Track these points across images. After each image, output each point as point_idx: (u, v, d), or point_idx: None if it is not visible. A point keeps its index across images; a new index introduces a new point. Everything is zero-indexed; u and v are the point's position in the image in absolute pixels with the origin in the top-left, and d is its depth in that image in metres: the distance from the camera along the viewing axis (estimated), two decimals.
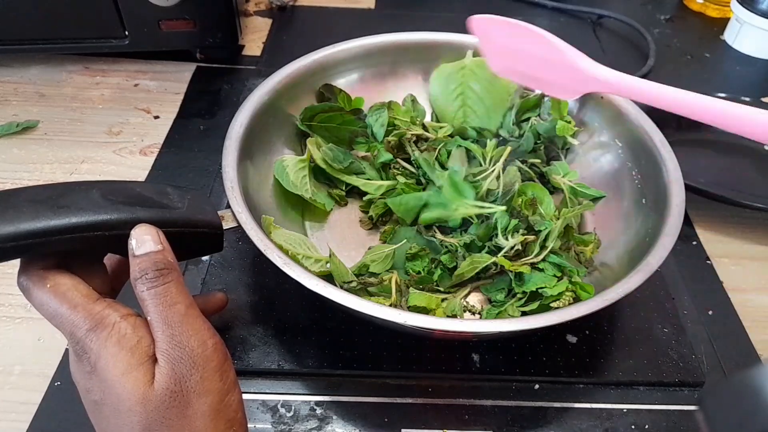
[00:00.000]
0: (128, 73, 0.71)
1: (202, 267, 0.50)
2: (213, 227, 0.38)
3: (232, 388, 0.32)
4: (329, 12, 0.86)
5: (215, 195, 0.56)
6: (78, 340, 0.30)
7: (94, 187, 0.34)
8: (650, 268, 0.40)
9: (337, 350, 0.44)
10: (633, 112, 0.53)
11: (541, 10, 0.89)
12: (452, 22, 0.84)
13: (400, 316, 0.36)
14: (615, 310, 0.48)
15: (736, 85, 0.78)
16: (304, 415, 0.41)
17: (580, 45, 0.43)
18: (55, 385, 0.42)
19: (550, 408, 0.43)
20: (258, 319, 0.46)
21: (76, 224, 0.31)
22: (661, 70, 0.78)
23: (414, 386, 0.43)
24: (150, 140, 0.63)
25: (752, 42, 0.81)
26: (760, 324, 0.49)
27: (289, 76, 0.53)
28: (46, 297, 0.31)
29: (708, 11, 0.91)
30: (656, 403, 0.43)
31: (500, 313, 0.45)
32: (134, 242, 0.32)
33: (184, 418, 0.29)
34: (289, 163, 0.50)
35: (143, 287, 0.31)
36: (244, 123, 0.48)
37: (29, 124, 0.63)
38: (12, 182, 0.57)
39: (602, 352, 0.46)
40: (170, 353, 0.30)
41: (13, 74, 0.70)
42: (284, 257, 0.39)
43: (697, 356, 0.46)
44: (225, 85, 0.71)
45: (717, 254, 0.55)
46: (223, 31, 0.69)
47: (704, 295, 0.51)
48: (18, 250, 0.31)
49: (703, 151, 0.65)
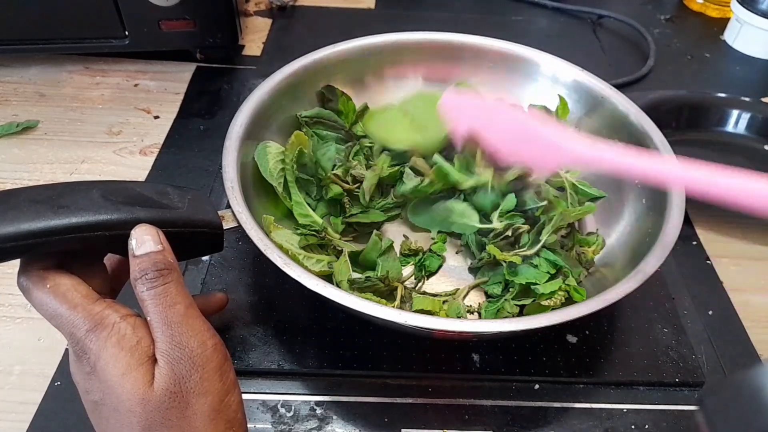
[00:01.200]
0: (128, 73, 0.71)
1: (202, 267, 0.50)
2: (213, 227, 0.38)
3: (231, 388, 0.32)
4: (329, 12, 0.86)
5: (215, 195, 0.56)
6: (78, 340, 0.30)
7: (94, 187, 0.34)
8: (650, 268, 0.40)
9: (337, 350, 0.44)
10: (633, 112, 0.53)
11: (541, 10, 0.89)
12: (452, 22, 0.84)
13: (400, 316, 0.36)
14: (615, 310, 0.48)
15: (736, 85, 0.78)
16: (304, 415, 0.41)
17: (580, 45, 0.44)
18: (55, 385, 0.42)
19: (550, 408, 0.43)
20: (258, 319, 0.46)
21: (76, 224, 0.31)
22: (661, 71, 0.78)
23: (414, 386, 0.43)
24: (150, 140, 0.63)
25: (752, 42, 0.81)
26: (760, 324, 0.49)
27: (289, 77, 0.53)
28: (45, 297, 0.31)
29: (708, 11, 0.91)
30: (656, 403, 0.43)
31: (499, 311, 0.45)
32: (134, 242, 0.32)
33: (184, 418, 0.29)
34: (271, 150, 0.49)
35: (143, 287, 0.31)
36: (244, 123, 0.48)
37: (29, 124, 0.63)
38: (12, 182, 0.57)
39: (602, 352, 0.46)
40: (170, 354, 0.30)
41: (14, 74, 0.70)
42: (284, 257, 0.39)
43: (697, 356, 0.46)
44: (225, 85, 0.71)
45: (717, 254, 0.55)
46: (223, 31, 0.69)
47: (704, 295, 0.51)
48: (18, 250, 0.31)
49: (703, 151, 0.65)
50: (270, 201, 0.48)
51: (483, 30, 0.62)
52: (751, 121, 0.67)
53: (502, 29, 0.82)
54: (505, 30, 0.82)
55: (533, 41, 0.60)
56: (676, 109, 0.65)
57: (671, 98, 0.67)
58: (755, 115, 0.67)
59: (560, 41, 0.81)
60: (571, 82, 0.57)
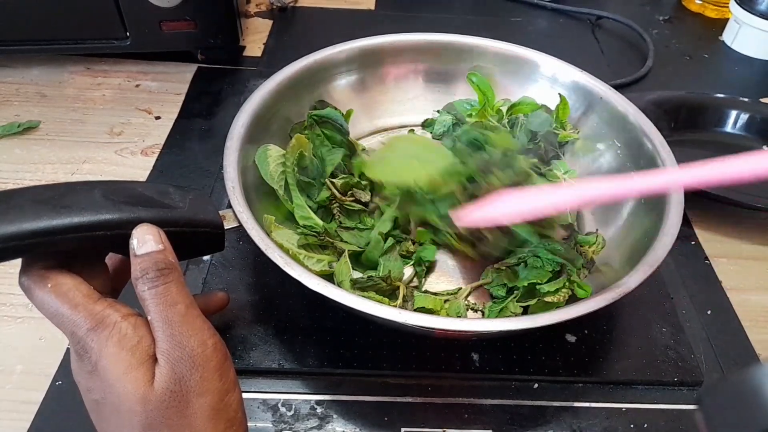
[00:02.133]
0: (129, 73, 0.72)
1: (203, 266, 0.50)
2: (214, 227, 0.38)
3: (231, 387, 0.32)
4: (329, 13, 0.86)
5: (216, 195, 0.56)
6: (79, 339, 0.30)
7: (96, 187, 0.34)
8: (649, 267, 0.40)
9: (338, 349, 0.45)
10: (632, 112, 0.53)
11: (541, 11, 0.89)
12: (452, 23, 0.84)
13: (400, 316, 0.36)
14: (614, 309, 0.48)
15: (734, 85, 0.78)
16: (304, 414, 0.42)
17: (579, 46, 0.44)
18: (57, 385, 0.43)
19: (549, 407, 0.43)
20: (259, 318, 0.46)
21: (78, 224, 0.31)
22: (659, 71, 0.78)
23: (414, 385, 0.43)
24: (151, 141, 0.63)
25: (751, 43, 0.82)
26: (759, 323, 0.50)
27: (290, 77, 0.54)
28: (47, 297, 0.31)
29: (707, 12, 0.91)
30: (655, 403, 0.43)
31: (502, 310, 0.45)
32: (135, 242, 0.32)
33: (184, 417, 0.30)
34: (272, 153, 0.49)
35: (144, 287, 0.31)
36: (246, 123, 0.48)
37: (31, 124, 0.63)
38: (14, 182, 0.57)
39: (601, 351, 0.46)
40: (170, 353, 0.30)
41: (15, 75, 0.70)
42: (285, 257, 0.39)
43: (695, 356, 0.46)
44: (226, 85, 0.71)
45: (716, 254, 0.55)
46: (223, 32, 0.69)
47: (703, 295, 0.51)
48: (20, 249, 0.31)
49: (701, 151, 0.65)
50: (271, 203, 0.49)
51: (482, 31, 0.62)
52: (749, 122, 0.67)
53: (502, 30, 0.82)
54: (505, 31, 0.83)
55: (532, 42, 0.61)
56: (675, 110, 0.65)
57: (670, 98, 0.67)
58: (753, 116, 0.67)
59: (559, 42, 0.81)
60: (570, 82, 0.57)
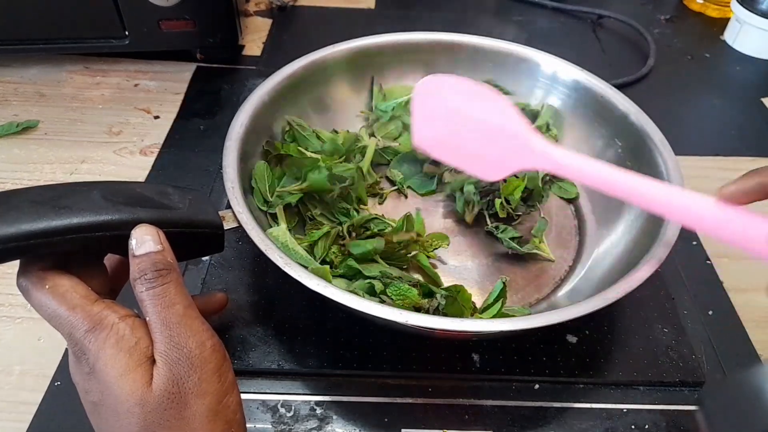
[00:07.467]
0: (128, 73, 0.71)
1: (202, 267, 0.50)
2: (214, 227, 0.38)
3: (230, 389, 0.32)
4: (329, 12, 0.86)
5: (216, 195, 0.56)
6: (76, 341, 0.30)
7: (95, 188, 0.34)
8: (650, 267, 0.40)
9: (338, 350, 0.44)
10: (633, 111, 0.53)
11: (541, 10, 0.89)
12: (452, 22, 0.84)
13: (401, 316, 0.36)
14: (615, 310, 0.48)
15: (736, 85, 0.78)
16: (304, 415, 0.41)
17: (580, 45, 0.43)
18: (55, 385, 0.42)
19: (550, 408, 0.43)
20: (258, 319, 0.46)
21: (77, 225, 0.31)
22: (661, 71, 0.78)
23: (414, 386, 0.43)
24: (150, 140, 0.63)
25: (752, 42, 0.81)
26: (760, 324, 0.49)
27: (289, 77, 0.53)
28: (45, 298, 0.31)
29: (708, 11, 0.90)
30: (656, 403, 0.43)
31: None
32: (134, 242, 0.32)
33: (182, 419, 0.29)
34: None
35: (142, 288, 0.31)
36: (245, 123, 0.48)
37: (29, 124, 0.63)
38: (12, 182, 0.57)
39: (602, 352, 0.46)
40: (168, 354, 0.30)
41: (14, 74, 0.70)
42: (285, 257, 0.39)
43: (697, 356, 0.46)
44: (225, 85, 0.71)
45: (717, 254, 0.55)
46: (223, 32, 0.69)
47: (704, 295, 0.51)
48: (19, 250, 0.31)
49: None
50: None
51: (483, 30, 0.62)
52: None
53: (503, 29, 0.82)
54: (506, 30, 0.82)
55: (533, 41, 0.61)
56: None
57: None
58: None
59: (560, 41, 0.81)
60: (571, 81, 0.57)
